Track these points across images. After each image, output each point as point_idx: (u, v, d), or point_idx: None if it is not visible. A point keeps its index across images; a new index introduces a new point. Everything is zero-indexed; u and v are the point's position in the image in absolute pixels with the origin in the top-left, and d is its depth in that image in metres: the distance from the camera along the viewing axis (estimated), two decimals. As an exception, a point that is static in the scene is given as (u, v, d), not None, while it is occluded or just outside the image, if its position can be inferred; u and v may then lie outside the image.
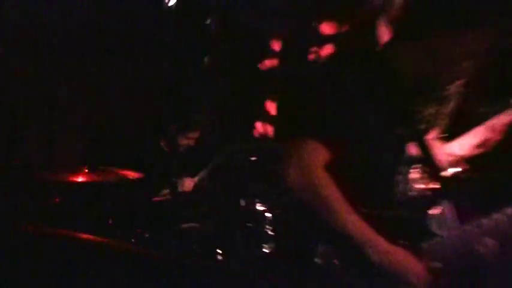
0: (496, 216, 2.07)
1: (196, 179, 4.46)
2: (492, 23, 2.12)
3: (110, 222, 4.06)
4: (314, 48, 4.34)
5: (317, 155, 1.99)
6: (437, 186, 2.27)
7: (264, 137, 5.36)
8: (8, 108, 4.79)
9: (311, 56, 4.10)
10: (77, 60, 5.11)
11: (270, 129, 5.22)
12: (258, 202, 3.88)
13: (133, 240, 3.90)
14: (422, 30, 2.11)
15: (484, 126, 3.09)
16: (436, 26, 2.09)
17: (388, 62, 2.13)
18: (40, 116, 4.85)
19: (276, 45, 5.01)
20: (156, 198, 4.23)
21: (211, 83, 4.79)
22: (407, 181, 2.20)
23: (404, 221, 2.12)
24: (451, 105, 2.92)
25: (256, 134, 5.39)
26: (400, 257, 1.98)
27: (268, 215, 3.81)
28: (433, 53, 2.12)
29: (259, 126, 5.39)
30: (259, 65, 5.05)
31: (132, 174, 4.18)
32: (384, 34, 2.77)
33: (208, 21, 4.41)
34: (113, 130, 5.37)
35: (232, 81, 5.22)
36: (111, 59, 5.26)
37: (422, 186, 2.73)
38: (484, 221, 2.08)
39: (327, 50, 3.55)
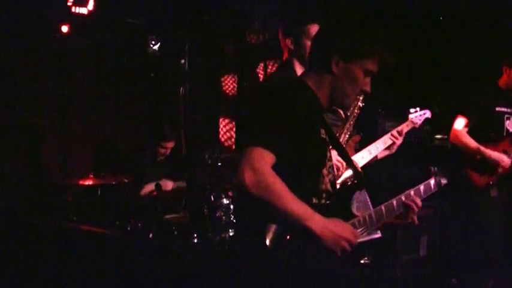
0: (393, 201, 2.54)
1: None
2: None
3: (110, 214, 4.58)
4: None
5: (264, 159, 2.21)
6: (353, 179, 2.67)
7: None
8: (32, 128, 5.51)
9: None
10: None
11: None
12: (224, 197, 4.42)
13: (128, 228, 4.40)
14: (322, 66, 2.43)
15: (389, 134, 3.84)
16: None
17: (303, 88, 2.45)
18: (59, 135, 5.56)
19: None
20: (144, 195, 4.83)
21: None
22: (330, 175, 2.51)
23: (330, 205, 2.44)
24: (352, 118, 3.62)
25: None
26: (336, 226, 2.28)
27: (232, 206, 4.38)
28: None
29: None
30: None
31: (125, 178, 4.74)
32: (298, 69, 3.50)
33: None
34: (110, 146, 6.16)
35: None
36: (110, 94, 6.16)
37: (342, 178, 3.41)
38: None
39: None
